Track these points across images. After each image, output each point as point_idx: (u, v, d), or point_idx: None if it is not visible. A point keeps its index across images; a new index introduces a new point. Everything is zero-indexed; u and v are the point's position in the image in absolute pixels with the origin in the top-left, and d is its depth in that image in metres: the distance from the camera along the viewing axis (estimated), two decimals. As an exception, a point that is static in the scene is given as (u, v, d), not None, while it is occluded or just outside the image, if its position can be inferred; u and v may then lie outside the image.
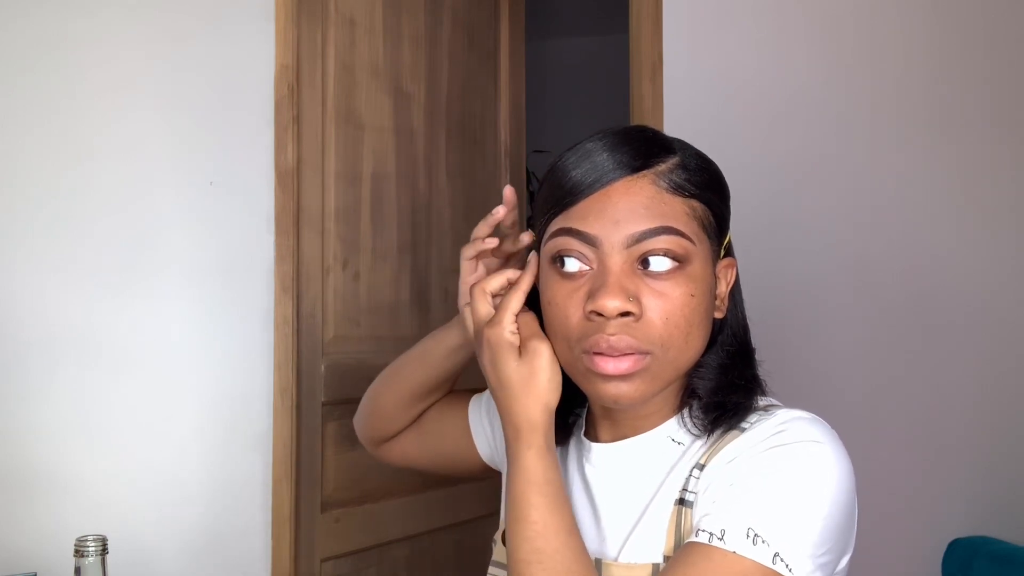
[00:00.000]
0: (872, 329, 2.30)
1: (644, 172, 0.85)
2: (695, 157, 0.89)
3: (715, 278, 0.90)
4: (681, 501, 0.87)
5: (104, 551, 1.03)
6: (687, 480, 0.88)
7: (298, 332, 1.96)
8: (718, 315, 0.91)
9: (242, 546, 1.90)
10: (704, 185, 0.88)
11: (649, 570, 0.87)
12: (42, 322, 1.68)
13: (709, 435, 0.90)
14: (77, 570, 1.01)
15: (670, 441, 0.92)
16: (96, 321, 1.73)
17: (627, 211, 0.84)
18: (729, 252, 0.94)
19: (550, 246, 0.88)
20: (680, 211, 0.85)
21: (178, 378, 1.83)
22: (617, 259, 0.84)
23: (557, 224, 0.87)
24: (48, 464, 1.67)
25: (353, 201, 2.13)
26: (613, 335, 0.84)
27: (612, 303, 0.82)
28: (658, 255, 0.84)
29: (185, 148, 1.86)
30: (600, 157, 0.86)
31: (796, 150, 2.34)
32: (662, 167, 0.86)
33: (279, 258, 1.95)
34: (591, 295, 0.84)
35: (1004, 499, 2.27)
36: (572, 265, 0.86)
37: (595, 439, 0.97)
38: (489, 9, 2.62)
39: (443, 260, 2.39)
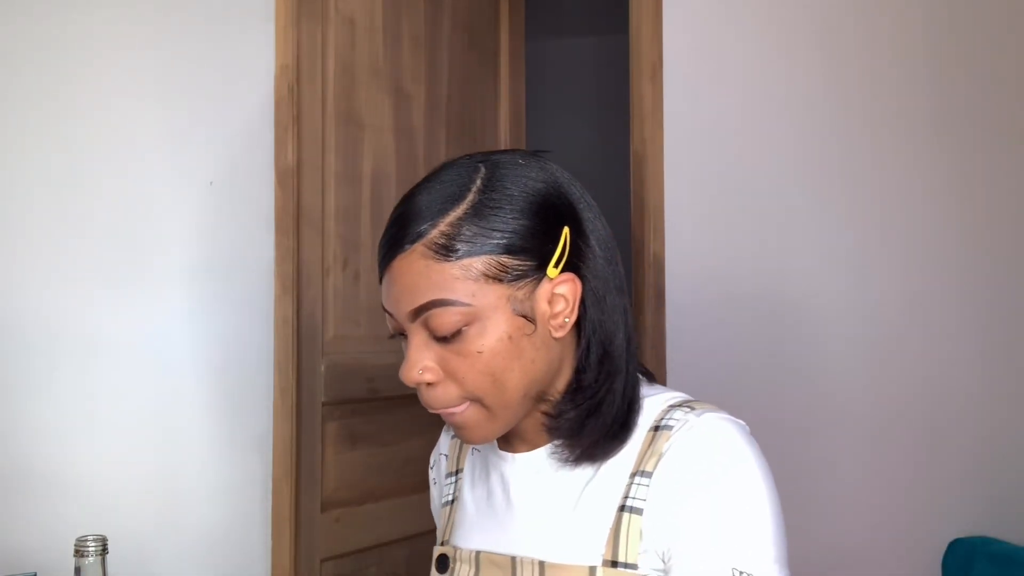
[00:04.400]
0: (871, 328, 2.30)
1: (414, 246, 0.87)
2: (495, 193, 0.88)
3: (536, 306, 0.89)
4: (625, 508, 0.90)
5: (104, 551, 1.02)
6: (629, 487, 0.91)
7: (298, 332, 1.96)
8: (558, 335, 0.91)
9: (242, 546, 1.90)
10: (498, 227, 0.87)
11: (586, 572, 0.90)
12: (42, 322, 1.68)
13: (599, 459, 0.93)
14: (77, 570, 1.01)
15: None
16: (96, 321, 1.73)
17: (400, 290, 0.89)
18: (572, 267, 0.92)
19: None
20: (449, 277, 0.86)
21: (178, 378, 1.83)
22: (411, 331, 0.90)
23: None
24: (48, 464, 1.67)
25: (353, 201, 2.13)
26: (428, 403, 0.91)
27: (408, 379, 0.90)
28: (434, 327, 0.88)
29: (185, 148, 1.85)
30: (388, 232, 0.90)
31: (796, 149, 2.35)
32: (433, 232, 0.87)
33: (279, 258, 1.95)
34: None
35: (1004, 499, 2.27)
36: (395, 332, 0.93)
37: (509, 450, 1.00)
38: (489, 9, 2.62)
39: (443, 260, 2.39)
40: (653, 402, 0.95)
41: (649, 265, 2.34)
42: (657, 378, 2.40)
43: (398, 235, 0.88)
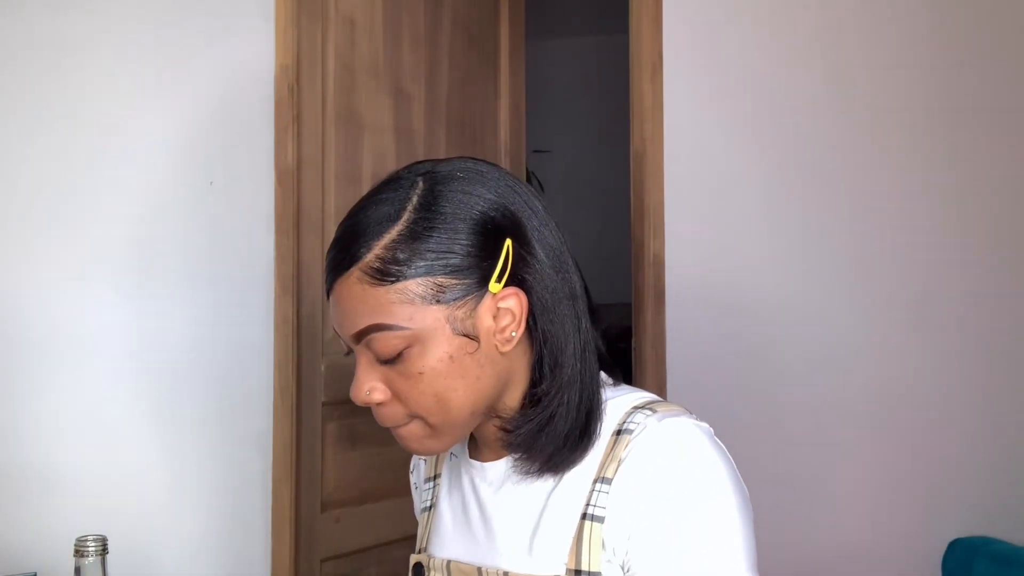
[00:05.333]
0: (872, 327, 2.30)
1: (351, 270, 0.87)
2: (430, 212, 0.87)
3: (479, 323, 0.88)
4: (587, 516, 0.89)
5: (104, 551, 1.02)
6: (591, 494, 0.89)
7: (298, 332, 1.96)
8: (504, 349, 0.89)
9: (242, 546, 1.90)
10: (433, 249, 0.86)
11: None
12: (42, 322, 1.68)
13: (561, 469, 0.91)
14: (77, 570, 1.01)
15: None
16: (96, 321, 1.73)
17: (342, 314, 0.89)
18: (517, 279, 0.89)
19: None
20: (386, 301, 0.86)
21: (178, 378, 1.83)
22: (358, 352, 0.90)
23: None
24: (48, 464, 1.67)
25: (353, 201, 2.11)
26: (377, 420, 0.92)
27: (356, 399, 0.91)
28: (375, 350, 0.88)
29: (185, 148, 1.86)
30: (329, 253, 0.90)
31: (796, 150, 2.35)
32: (368, 257, 0.86)
33: (279, 258, 1.95)
34: None
35: (1004, 499, 2.27)
36: (348, 350, 0.93)
37: (479, 458, 0.99)
38: (489, 9, 2.62)
39: (443, 260, 2.38)
40: (617, 404, 0.93)
41: (649, 265, 2.34)
42: (657, 378, 2.39)
43: (337, 258, 0.89)
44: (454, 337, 0.87)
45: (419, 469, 1.15)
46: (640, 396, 0.94)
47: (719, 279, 2.33)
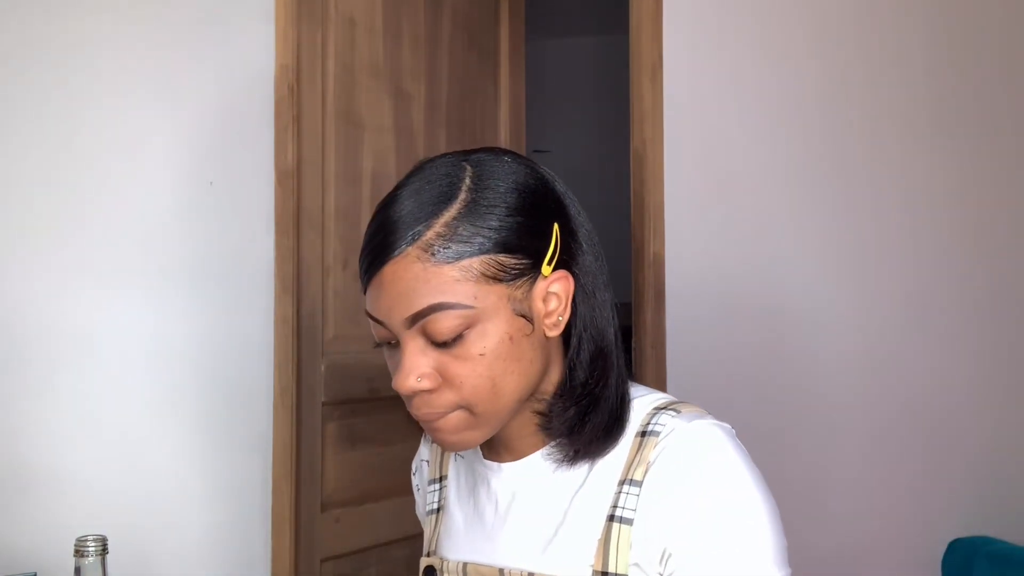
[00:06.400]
0: (871, 327, 2.30)
1: (408, 249, 0.83)
2: (487, 191, 0.85)
3: (533, 305, 0.87)
4: (614, 518, 0.88)
5: (104, 551, 1.02)
6: (617, 496, 0.89)
7: (298, 332, 1.96)
8: (552, 334, 0.89)
9: (242, 546, 1.90)
10: (493, 226, 0.84)
11: None
12: (42, 322, 1.68)
13: (596, 456, 0.91)
14: (77, 570, 1.01)
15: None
16: (96, 321, 1.73)
17: (394, 296, 0.84)
18: (562, 264, 0.89)
19: None
20: (449, 279, 0.83)
21: (178, 378, 1.83)
22: (406, 338, 0.85)
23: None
24: (48, 464, 1.67)
25: (353, 201, 2.13)
26: (418, 410, 0.87)
27: (404, 387, 0.86)
28: (433, 331, 0.84)
29: (185, 148, 1.86)
30: (375, 237, 0.86)
31: (796, 149, 2.35)
32: (428, 234, 0.83)
33: (279, 258, 1.95)
34: (394, 372, 0.88)
35: (1004, 499, 2.27)
36: (383, 340, 0.89)
37: (494, 459, 0.98)
38: (489, 9, 2.62)
39: (443, 260, 2.39)
40: (638, 404, 0.93)
41: (649, 265, 2.34)
42: (657, 378, 2.39)
43: (388, 239, 0.84)
44: (514, 318, 0.86)
45: (422, 471, 1.13)
46: (659, 396, 0.95)
47: (719, 278, 2.33)
